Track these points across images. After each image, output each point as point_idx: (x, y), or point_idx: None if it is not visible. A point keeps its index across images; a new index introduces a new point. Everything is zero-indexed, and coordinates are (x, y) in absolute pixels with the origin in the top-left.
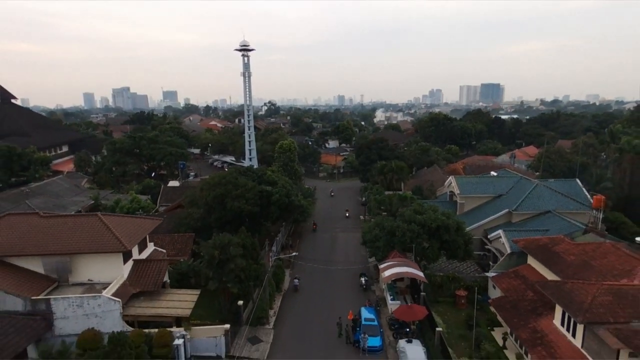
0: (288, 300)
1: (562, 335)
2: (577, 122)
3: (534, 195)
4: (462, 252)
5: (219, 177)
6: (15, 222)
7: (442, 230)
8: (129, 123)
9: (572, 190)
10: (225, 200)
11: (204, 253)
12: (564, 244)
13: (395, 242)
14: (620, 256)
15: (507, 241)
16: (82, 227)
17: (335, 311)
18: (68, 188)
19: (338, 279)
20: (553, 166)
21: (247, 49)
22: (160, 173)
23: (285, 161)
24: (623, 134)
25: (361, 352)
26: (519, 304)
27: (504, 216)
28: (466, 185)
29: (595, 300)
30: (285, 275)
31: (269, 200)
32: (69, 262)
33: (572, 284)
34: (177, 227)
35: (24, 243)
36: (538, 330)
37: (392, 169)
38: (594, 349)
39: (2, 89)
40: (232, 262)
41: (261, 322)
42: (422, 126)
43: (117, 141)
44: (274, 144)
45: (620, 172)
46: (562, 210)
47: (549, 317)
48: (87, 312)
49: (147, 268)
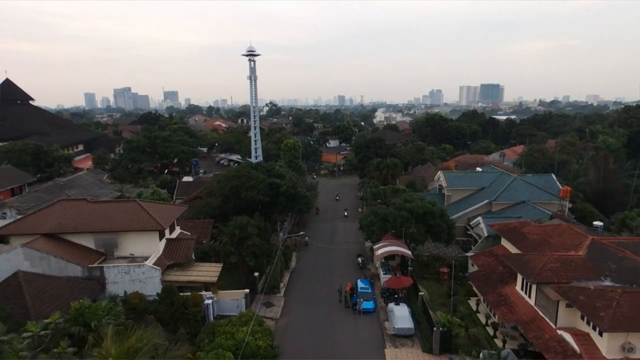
0: (295, 275)
1: (521, 297)
2: (569, 123)
3: (511, 188)
4: (445, 235)
5: (234, 171)
6: (68, 206)
7: (428, 216)
8: (136, 123)
9: (548, 183)
10: (240, 191)
11: (227, 232)
12: (530, 226)
13: (387, 227)
14: (572, 234)
15: (484, 226)
16: (124, 210)
17: (336, 284)
18: (93, 182)
19: (338, 259)
20: (535, 163)
21: (253, 54)
22: (172, 170)
23: (290, 158)
24: (602, 133)
25: (357, 313)
26: (490, 276)
27: (485, 206)
28: (453, 179)
29: (545, 267)
30: (292, 257)
31: (278, 191)
32: (115, 238)
33: (529, 255)
34: (197, 214)
35: (78, 223)
36: (503, 295)
37: (387, 165)
38: (542, 304)
39: (21, 91)
40: (249, 240)
41: (273, 291)
42: (418, 126)
43: (134, 140)
44: (277, 143)
45: (594, 169)
46: (535, 201)
47: (512, 284)
48: (133, 278)
49: (178, 245)
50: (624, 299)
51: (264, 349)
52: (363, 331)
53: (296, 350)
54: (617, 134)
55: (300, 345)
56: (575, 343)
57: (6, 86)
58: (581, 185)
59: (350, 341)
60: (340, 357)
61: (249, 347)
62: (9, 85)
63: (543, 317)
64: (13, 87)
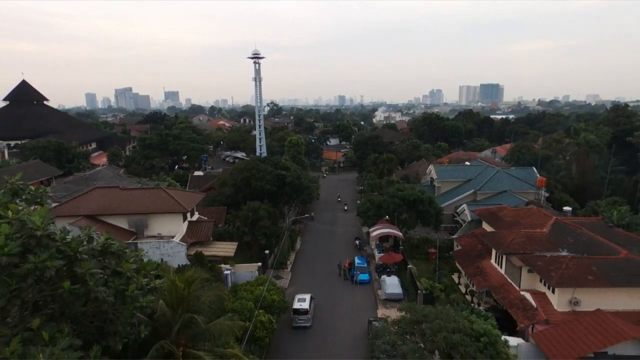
0: (300, 255)
1: (494, 268)
2: (561, 122)
3: (495, 179)
4: (434, 220)
5: (244, 164)
6: (104, 192)
7: (418, 203)
8: (142, 123)
9: (529, 175)
10: (251, 181)
11: (241, 215)
12: (506, 210)
13: (382, 213)
14: (540, 216)
15: (468, 212)
16: (152, 195)
17: (336, 262)
18: (112, 176)
19: (338, 242)
20: (521, 158)
21: (258, 56)
22: (182, 166)
23: (294, 154)
24: (584, 131)
25: (354, 283)
26: (470, 253)
27: (471, 195)
28: (442, 172)
29: (513, 241)
30: (297, 240)
31: (284, 181)
32: (145, 220)
33: (501, 232)
34: (211, 203)
35: (113, 206)
36: (480, 267)
37: (383, 160)
38: (510, 272)
39: (36, 92)
40: (261, 221)
41: (282, 267)
42: (416, 125)
43: (147, 138)
44: (280, 141)
45: (575, 163)
46: (516, 190)
47: (488, 259)
48: (162, 253)
49: (198, 226)
50: (572, 263)
51: (277, 302)
52: (359, 297)
53: None
54: (601, 132)
55: None
56: (533, 300)
57: (23, 87)
58: (563, 179)
59: (348, 305)
60: (340, 318)
61: (266, 300)
62: (25, 86)
63: (510, 283)
64: (29, 88)
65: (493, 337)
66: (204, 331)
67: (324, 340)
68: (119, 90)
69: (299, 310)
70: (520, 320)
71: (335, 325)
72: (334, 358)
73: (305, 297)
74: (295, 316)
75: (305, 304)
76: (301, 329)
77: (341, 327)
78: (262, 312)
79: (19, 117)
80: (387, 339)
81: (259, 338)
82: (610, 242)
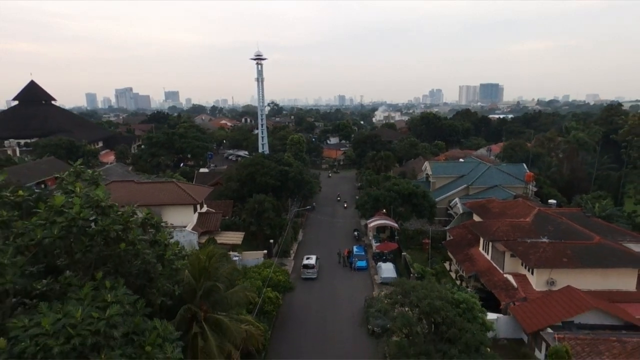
0: (302, 245)
1: (482, 255)
2: (557, 121)
3: (486, 175)
4: (427, 213)
5: (250, 160)
6: (120, 185)
7: (412, 196)
8: (146, 122)
9: (519, 171)
10: (255, 176)
11: (248, 207)
12: (494, 202)
13: (379, 206)
14: (525, 207)
15: (460, 205)
16: (165, 188)
17: (336, 252)
18: (122, 172)
19: (337, 233)
20: (514, 156)
21: (261, 58)
22: (187, 164)
23: (295, 151)
24: (575, 129)
25: (353, 269)
26: (460, 242)
27: (463, 190)
28: (437, 168)
29: (498, 229)
30: (299, 231)
31: (287, 176)
32: (159, 211)
33: (488, 221)
34: (218, 197)
35: (131, 198)
36: (468, 254)
37: (381, 157)
38: (495, 257)
39: (44, 92)
40: (266, 213)
41: (285, 255)
42: (414, 124)
43: (153, 136)
44: (282, 140)
45: (565, 160)
46: (506, 185)
47: (476, 247)
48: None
49: (207, 217)
50: (550, 247)
51: (283, 281)
52: (357, 282)
53: (304, 296)
54: (593, 130)
55: (308, 293)
56: (515, 282)
57: (31, 87)
58: (553, 175)
59: (346, 288)
60: (339, 297)
61: (272, 280)
62: (34, 86)
63: (495, 267)
64: (37, 88)
65: (471, 303)
66: (223, 298)
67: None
68: (119, 90)
69: (307, 265)
70: (502, 298)
71: (335, 303)
72: (334, 328)
73: (312, 256)
74: (304, 270)
75: (312, 261)
76: (309, 281)
77: (340, 304)
78: (270, 290)
79: (28, 117)
80: (379, 306)
81: (267, 311)
82: (587, 230)
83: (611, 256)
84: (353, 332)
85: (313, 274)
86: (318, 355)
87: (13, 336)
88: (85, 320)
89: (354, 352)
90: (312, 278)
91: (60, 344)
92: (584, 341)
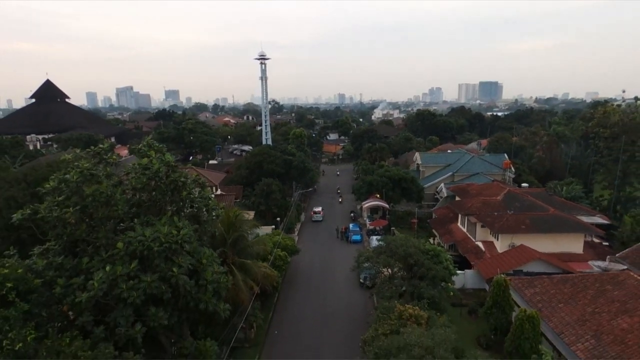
0: (304, 225)
1: (460, 228)
2: (548, 118)
3: (470, 164)
4: (415, 196)
5: (257, 150)
6: None
7: (402, 181)
8: (151, 120)
9: (499, 161)
10: (263, 164)
11: (257, 189)
12: (473, 185)
13: (372, 190)
14: (498, 189)
15: (445, 189)
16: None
17: (334, 227)
18: None
19: (336, 215)
20: (499, 148)
21: (264, 58)
22: (196, 157)
23: (298, 144)
24: (556, 124)
25: (349, 242)
26: (443, 220)
27: (449, 177)
28: (426, 158)
29: (472, 205)
30: (302, 214)
31: (291, 165)
32: None
33: (465, 200)
34: (229, 183)
35: None
36: (448, 229)
37: (376, 149)
38: (469, 229)
39: (59, 90)
40: (273, 194)
41: (290, 232)
42: (410, 121)
43: (165, 131)
44: (284, 135)
45: (546, 152)
46: (487, 172)
47: (456, 222)
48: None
49: (223, 198)
50: (511, 218)
51: (290, 245)
52: (352, 252)
53: (308, 261)
54: (576, 125)
55: (310, 259)
56: (484, 247)
57: (47, 86)
58: (534, 165)
59: (343, 257)
60: (336, 262)
61: (281, 244)
62: (50, 85)
63: (469, 237)
64: (53, 87)
65: (437, 251)
66: (247, 247)
67: (324, 274)
68: (120, 89)
69: (316, 211)
70: (472, 260)
71: (333, 265)
72: (333, 279)
73: (319, 207)
74: (314, 214)
75: (319, 209)
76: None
77: (336, 268)
78: (279, 250)
79: (45, 114)
80: (366, 255)
81: (278, 266)
82: (546, 205)
83: (562, 224)
84: (346, 284)
85: (320, 217)
86: (319, 297)
87: (127, 241)
88: (169, 235)
89: (348, 297)
90: (319, 220)
91: (157, 246)
92: (523, 280)
